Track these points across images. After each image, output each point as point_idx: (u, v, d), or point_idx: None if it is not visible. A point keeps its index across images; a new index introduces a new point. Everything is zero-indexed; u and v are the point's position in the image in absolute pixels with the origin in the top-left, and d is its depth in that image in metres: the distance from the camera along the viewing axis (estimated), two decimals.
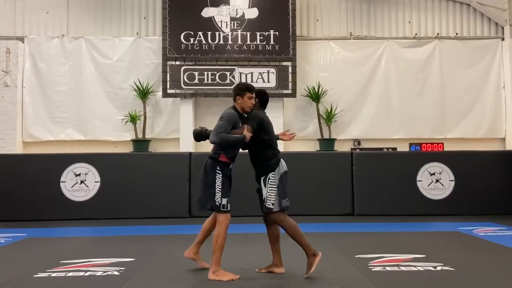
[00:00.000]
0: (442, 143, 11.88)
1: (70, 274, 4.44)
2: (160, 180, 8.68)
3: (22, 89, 11.83)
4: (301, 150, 11.18)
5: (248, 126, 4.29)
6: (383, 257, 5.00)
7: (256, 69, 11.63)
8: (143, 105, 11.62)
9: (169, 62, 11.59)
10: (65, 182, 8.66)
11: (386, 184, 8.78)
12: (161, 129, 12.00)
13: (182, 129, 11.47)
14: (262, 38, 11.70)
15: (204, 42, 11.66)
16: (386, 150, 11.46)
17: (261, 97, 4.56)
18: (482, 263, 4.83)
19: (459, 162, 9.00)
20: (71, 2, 12.19)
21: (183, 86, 11.58)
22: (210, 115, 10.97)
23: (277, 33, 11.67)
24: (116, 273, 4.48)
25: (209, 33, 11.67)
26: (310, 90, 11.79)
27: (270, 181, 4.30)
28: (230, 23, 11.74)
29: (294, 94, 11.66)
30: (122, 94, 11.89)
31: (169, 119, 11.98)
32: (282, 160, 4.43)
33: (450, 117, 12.08)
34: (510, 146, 11.81)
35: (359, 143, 12.13)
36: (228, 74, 11.60)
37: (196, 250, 4.64)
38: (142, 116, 11.63)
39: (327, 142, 11.58)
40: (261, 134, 4.36)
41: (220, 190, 4.25)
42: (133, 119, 11.47)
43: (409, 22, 12.46)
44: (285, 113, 11.89)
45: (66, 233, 7.35)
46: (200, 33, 11.65)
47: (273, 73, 11.63)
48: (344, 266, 4.70)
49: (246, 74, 11.60)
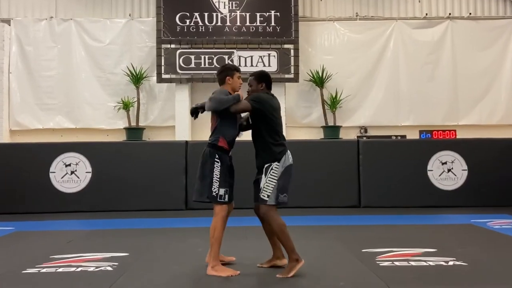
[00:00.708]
0: (455, 130, 11.86)
1: (60, 270, 4.43)
2: (155, 170, 8.66)
3: (9, 74, 11.81)
4: (304, 138, 11.16)
5: (242, 95, 4.31)
6: (392, 251, 4.99)
7: (256, 52, 11.56)
8: (137, 91, 11.60)
9: (163, 45, 11.53)
10: (54, 172, 8.64)
11: (395, 174, 8.76)
12: (155, 116, 12.00)
13: (178, 116, 11.45)
14: (262, 19, 11.62)
15: (200, 23, 11.58)
16: (394, 138, 11.45)
17: (265, 80, 4.49)
18: (497, 258, 4.81)
19: (473, 150, 8.95)
20: None
21: (179, 71, 11.53)
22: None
23: (278, 13, 11.59)
24: (109, 268, 4.47)
25: (206, 14, 11.60)
26: (313, 75, 11.74)
27: (273, 171, 4.23)
28: (228, 3, 11.65)
29: (296, 79, 11.61)
30: (114, 80, 11.87)
31: (164, 106, 11.96)
32: (289, 152, 4.36)
33: (462, 102, 12.04)
34: None
35: (366, 131, 12.10)
36: (226, 57, 11.53)
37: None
38: (136, 102, 11.61)
39: (332, 130, 11.55)
40: (266, 118, 4.30)
41: (218, 179, 4.22)
42: (126, 106, 11.44)
43: (419, 1, 12.36)
44: (287, 99, 11.84)
45: (56, 226, 7.34)
46: (196, 14, 11.58)
47: (274, 56, 11.56)
48: (350, 261, 4.68)
49: (245, 58, 11.54)
